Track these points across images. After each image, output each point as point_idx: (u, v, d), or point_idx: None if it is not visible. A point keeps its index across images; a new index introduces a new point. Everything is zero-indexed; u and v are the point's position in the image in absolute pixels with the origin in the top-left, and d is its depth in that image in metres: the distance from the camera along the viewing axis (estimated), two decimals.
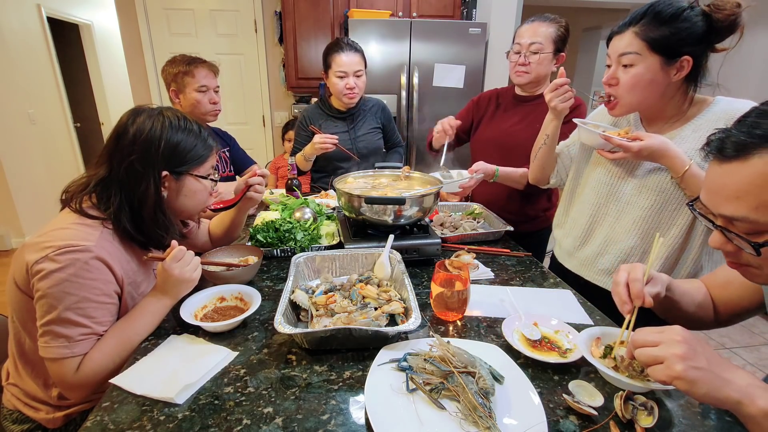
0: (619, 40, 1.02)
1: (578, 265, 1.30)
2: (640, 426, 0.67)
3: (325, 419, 0.70)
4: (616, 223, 1.18)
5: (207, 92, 1.75)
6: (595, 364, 0.77)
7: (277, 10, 3.78)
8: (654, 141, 1.00)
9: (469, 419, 0.67)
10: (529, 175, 1.47)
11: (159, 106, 0.99)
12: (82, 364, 0.85)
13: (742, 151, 0.58)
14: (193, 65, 1.72)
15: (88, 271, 0.85)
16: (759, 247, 0.59)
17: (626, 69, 1.02)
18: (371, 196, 1.19)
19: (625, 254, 1.17)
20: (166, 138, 0.94)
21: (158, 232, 0.98)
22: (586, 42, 5.59)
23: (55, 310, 0.83)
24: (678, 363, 0.58)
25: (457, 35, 3.08)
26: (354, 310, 0.93)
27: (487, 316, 1.01)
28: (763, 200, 0.57)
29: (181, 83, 1.73)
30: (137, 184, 0.93)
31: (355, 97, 1.93)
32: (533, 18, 1.55)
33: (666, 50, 0.97)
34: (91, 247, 0.86)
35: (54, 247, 0.83)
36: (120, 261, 0.93)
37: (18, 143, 3.59)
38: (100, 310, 0.88)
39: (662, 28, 0.96)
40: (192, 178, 1.01)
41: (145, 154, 0.92)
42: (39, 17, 3.86)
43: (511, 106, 1.71)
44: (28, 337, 0.94)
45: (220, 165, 1.94)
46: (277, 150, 4.17)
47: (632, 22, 1.00)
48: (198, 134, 1.00)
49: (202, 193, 1.05)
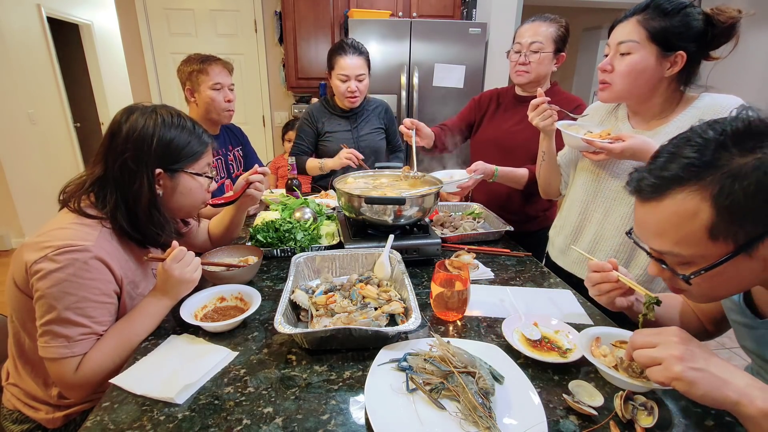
0: (620, 29, 1.05)
1: (570, 263, 1.32)
2: (640, 426, 0.67)
3: (325, 419, 0.70)
4: (605, 220, 1.19)
5: (221, 90, 1.74)
6: (596, 364, 0.76)
7: (277, 10, 3.78)
8: (635, 141, 1.02)
9: (469, 419, 0.67)
10: (540, 191, 1.48)
11: (153, 104, 0.99)
12: (81, 363, 0.85)
13: (656, 192, 0.62)
14: (207, 63, 1.72)
15: (87, 271, 0.85)
16: (688, 278, 0.63)
17: (623, 57, 1.04)
18: (371, 196, 1.19)
19: (614, 251, 1.18)
20: (158, 135, 0.93)
21: (153, 229, 0.97)
22: (586, 42, 5.59)
23: (54, 310, 0.83)
24: (676, 364, 0.58)
25: (457, 35, 3.08)
26: (354, 310, 0.93)
27: (487, 316, 1.01)
28: (682, 236, 0.61)
29: (195, 81, 1.72)
30: (131, 182, 0.93)
31: (357, 100, 1.94)
32: (534, 18, 1.56)
33: (664, 42, 1.00)
34: (90, 247, 0.86)
35: (53, 247, 0.83)
36: (119, 260, 0.93)
37: (18, 143, 3.59)
38: (100, 309, 0.88)
39: (665, 19, 0.99)
40: (187, 176, 1.00)
41: (138, 152, 0.92)
42: (39, 17, 3.86)
43: (511, 106, 1.71)
44: (27, 337, 0.94)
45: (234, 164, 1.93)
46: (277, 150, 4.17)
47: (635, 12, 1.02)
48: (192, 131, 1.00)
49: (198, 191, 1.04)
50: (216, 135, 1.86)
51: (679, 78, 1.05)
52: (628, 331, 0.85)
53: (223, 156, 1.86)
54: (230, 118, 1.84)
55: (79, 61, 4.75)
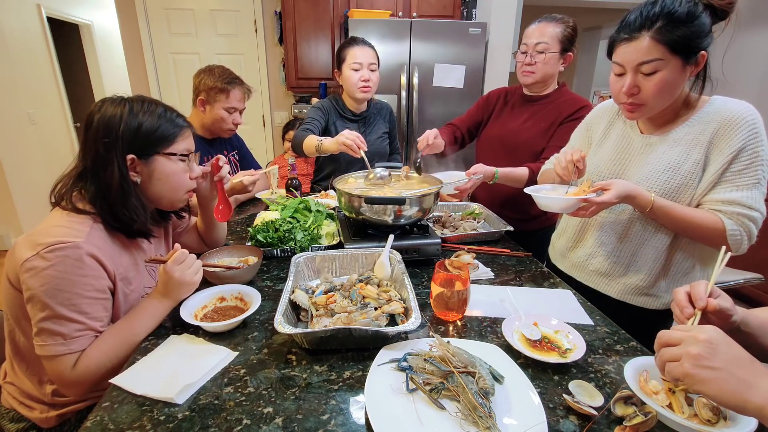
0: (633, 48, 0.96)
1: (570, 267, 1.31)
2: (641, 427, 0.66)
3: (325, 419, 0.70)
4: (607, 224, 1.19)
5: (233, 113, 1.78)
6: (649, 403, 0.67)
7: (277, 10, 3.78)
8: (620, 184, 1.00)
9: (469, 419, 0.67)
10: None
11: (126, 96, 1.00)
12: (79, 361, 0.85)
13: None
14: (231, 85, 1.73)
15: (79, 268, 0.85)
16: None
17: (649, 77, 0.97)
18: (371, 196, 1.19)
19: (616, 256, 1.17)
20: (126, 121, 0.93)
21: (127, 214, 0.95)
22: (586, 42, 5.59)
23: (47, 307, 0.83)
24: (688, 361, 0.57)
25: (457, 35, 3.08)
26: (354, 310, 0.93)
27: (487, 316, 1.01)
28: None
29: (213, 98, 1.73)
30: (104, 169, 0.93)
31: (369, 91, 1.88)
32: (541, 18, 1.56)
33: (686, 50, 0.93)
34: (81, 244, 0.86)
35: (43, 245, 0.83)
36: (111, 256, 0.93)
37: (18, 143, 3.59)
38: (94, 305, 0.88)
39: (681, 28, 0.92)
40: (162, 159, 0.99)
41: (107, 139, 0.92)
42: (39, 17, 3.86)
43: (518, 105, 1.71)
44: (22, 334, 0.94)
45: (231, 168, 1.93)
46: (277, 150, 4.17)
47: (644, 27, 0.94)
48: (162, 115, 0.99)
49: (178, 175, 1.02)
50: (212, 140, 1.87)
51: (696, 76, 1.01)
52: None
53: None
54: (231, 135, 1.88)
55: (79, 61, 4.75)
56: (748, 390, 0.55)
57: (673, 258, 1.12)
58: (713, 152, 1.01)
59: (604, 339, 0.94)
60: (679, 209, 1.02)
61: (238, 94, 1.75)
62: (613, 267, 1.19)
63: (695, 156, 1.02)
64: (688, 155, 1.03)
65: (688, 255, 1.11)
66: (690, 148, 1.03)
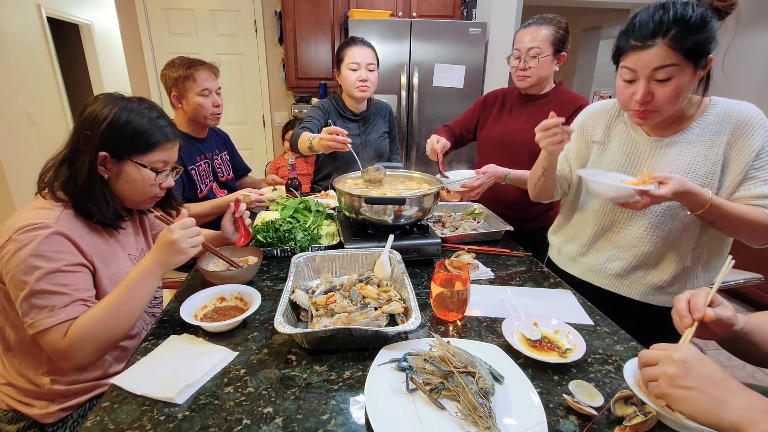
0: (647, 55, 0.95)
1: (584, 271, 1.28)
2: (641, 427, 0.66)
3: (325, 419, 0.70)
4: (627, 229, 1.16)
5: (209, 95, 1.73)
6: (649, 403, 0.67)
7: (277, 10, 3.78)
8: (678, 179, 0.95)
9: (469, 419, 0.67)
10: (531, 196, 1.42)
11: (128, 95, 1.01)
12: (69, 330, 0.86)
13: None
14: (194, 68, 1.69)
15: (51, 244, 0.87)
16: None
17: (663, 83, 0.96)
18: (371, 196, 1.19)
19: (639, 260, 1.15)
20: (112, 119, 0.94)
21: (90, 206, 0.96)
22: (586, 42, 5.59)
23: (26, 284, 0.84)
24: (664, 380, 0.60)
25: (457, 35, 3.08)
26: (354, 310, 0.93)
27: (487, 316, 1.01)
28: None
29: (182, 88, 1.70)
30: (77, 159, 0.95)
31: (367, 90, 1.88)
32: (530, 21, 1.55)
33: (697, 55, 0.93)
34: (51, 224, 0.88)
35: (15, 229, 0.86)
36: (83, 238, 0.94)
37: (18, 143, 3.59)
38: (73, 277, 0.89)
39: (696, 35, 0.91)
40: (132, 165, 0.99)
41: (88, 132, 0.94)
42: (39, 17, 3.85)
43: (517, 106, 1.71)
44: (11, 328, 0.95)
45: (222, 168, 1.92)
46: (277, 150, 4.17)
47: (657, 34, 0.93)
48: (153, 119, 0.99)
49: (141, 183, 1.01)
50: (204, 138, 1.85)
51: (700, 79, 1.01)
52: None
53: (210, 159, 1.84)
54: (218, 120, 1.82)
55: (79, 61, 4.75)
56: (722, 408, 0.56)
57: (699, 256, 1.11)
58: (732, 153, 1.02)
59: (604, 339, 0.94)
60: (731, 206, 0.99)
61: (204, 74, 1.71)
62: (634, 270, 1.17)
63: (713, 157, 1.03)
64: (706, 157, 1.03)
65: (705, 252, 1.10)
66: (707, 149, 1.03)
